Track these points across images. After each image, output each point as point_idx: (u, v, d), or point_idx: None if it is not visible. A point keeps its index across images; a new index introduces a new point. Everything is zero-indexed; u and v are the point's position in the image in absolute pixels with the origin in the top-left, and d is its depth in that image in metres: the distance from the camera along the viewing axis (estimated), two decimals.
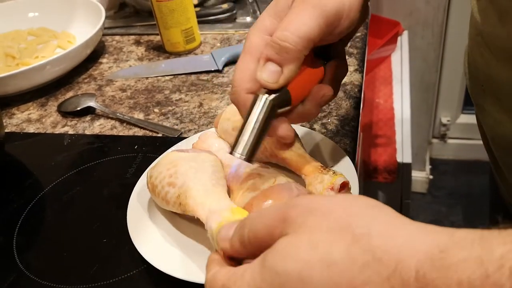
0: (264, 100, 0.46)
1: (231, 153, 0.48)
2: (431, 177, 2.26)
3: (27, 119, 0.85)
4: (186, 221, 0.57)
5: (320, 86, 0.51)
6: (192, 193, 0.51)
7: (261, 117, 0.47)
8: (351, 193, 0.54)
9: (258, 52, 0.48)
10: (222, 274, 0.36)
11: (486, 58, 0.57)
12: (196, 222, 0.55)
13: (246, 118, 0.47)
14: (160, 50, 1.01)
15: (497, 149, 0.62)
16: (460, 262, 0.26)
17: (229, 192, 0.55)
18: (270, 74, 0.46)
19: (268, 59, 0.46)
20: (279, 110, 0.48)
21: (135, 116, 0.81)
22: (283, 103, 0.48)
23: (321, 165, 0.55)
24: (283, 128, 0.49)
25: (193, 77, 0.90)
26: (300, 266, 0.30)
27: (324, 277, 0.29)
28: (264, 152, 0.59)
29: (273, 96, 0.47)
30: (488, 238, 0.26)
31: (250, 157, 0.47)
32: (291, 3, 0.47)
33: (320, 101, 0.51)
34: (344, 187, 0.52)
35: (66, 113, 0.85)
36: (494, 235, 0.26)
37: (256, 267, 0.33)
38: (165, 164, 0.55)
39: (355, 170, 0.59)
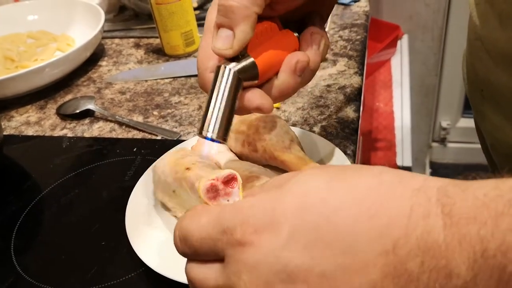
0: (225, 71, 0.42)
1: (199, 134, 0.42)
2: None
3: (26, 122, 0.85)
4: None
5: (293, 53, 0.47)
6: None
7: (226, 89, 0.42)
8: None
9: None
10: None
11: (485, 63, 0.56)
12: None
13: (210, 93, 0.42)
14: (159, 53, 1.00)
15: (497, 155, 0.61)
16: (476, 184, 0.28)
17: None
18: (222, 41, 0.42)
19: (219, 25, 0.43)
20: (247, 83, 0.44)
21: (134, 118, 0.81)
22: (249, 74, 0.43)
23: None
24: (256, 97, 0.44)
25: (192, 80, 0.90)
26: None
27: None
28: (264, 155, 0.59)
29: (235, 64, 0.42)
30: (501, 179, 0.28)
31: (223, 136, 0.42)
32: None
33: (294, 69, 0.46)
34: None
35: (65, 115, 0.84)
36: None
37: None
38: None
39: None
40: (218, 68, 0.42)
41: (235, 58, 0.43)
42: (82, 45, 0.91)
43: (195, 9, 1.01)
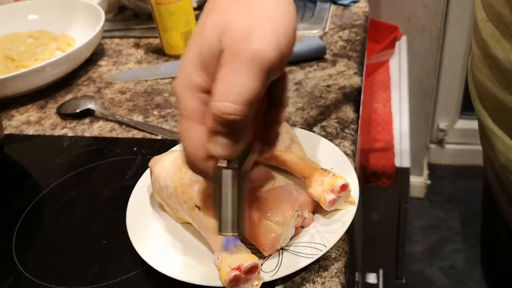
0: (229, 175, 0.43)
1: (220, 234, 0.45)
2: (428, 182, 2.26)
3: (26, 121, 0.85)
4: (186, 223, 0.57)
5: (272, 113, 0.47)
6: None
7: (234, 191, 0.44)
8: (351, 195, 0.54)
9: (198, 115, 0.42)
10: None
11: (498, 83, 0.54)
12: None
13: (218, 195, 0.44)
14: (159, 52, 1.01)
15: (508, 174, 0.58)
16: None
17: None
18: (224, 148, 0.41)
19: (216, 133, 0.41)
20: (246, 164, 0.45)
21: (134, 118, 0.81)
22: (245, 155, 0.44)
23: (321, 167, 0.55)
24: (258, 177, 0.46)
25: None
26: None
27: None
28: (264, 155, 0.59)
29: (235, 162, 0.43)
30: None
31: (240, 230, 0.45)
32: (218, 54, 0.41)
33: (276, 126, 0.47)
34: (344, 189, 0.52)
35: (66, 115, 0.85)
36: None
37: None
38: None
39: (355, 173, 0.59)
40: (220, 171, 0.43)
41: None
42: (82, 45, 0.91)
43: (195, 9, 1.01)
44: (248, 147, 0.44)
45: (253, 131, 0.44)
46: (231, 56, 0.39)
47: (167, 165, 0.57)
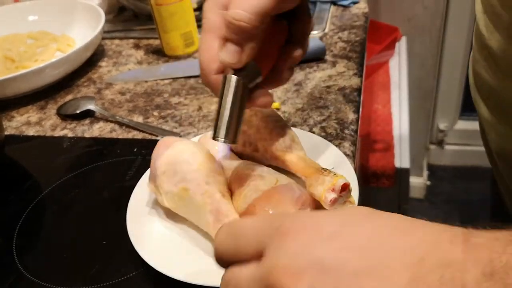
0: (233, 81, 0.46)
1: (213, 138, 0.48)
2: (428, 183, 2.26)
3: (26, 122, 0.85)
4: (186, 223, 0.57)
5: (288, 50, 0.51)
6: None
7: (234, 98, 0.47)
8: (351, 195, 0.54)
9: (218, 29, 0.47)
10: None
11: (492, 73, 0.55)
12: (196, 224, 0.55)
13: (220, 101, 0.47)
14: (159, 53, 1.01)
15: (502, 162, 0.60)
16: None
17: (231, 193, 0.55)
18: (231, 55, 0.46)
19: (227, 40, 0.46)
20: (251, 84, 0.48)
21: (134, 119, 0.82)
22: (253, 76, 0.48)
23: (322, 167, 0.55)
24: (260, 99, 0.50)
25: (192, 80, 0.90)
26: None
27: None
28: (265, 155, 0.59)
29: (241, 74, 0.47)
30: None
31: (233, 139, 0.48)
32: None
33: (290, 64, 0.51)
34: (345, 188, 0.52)
35: (66, 116, 0.85)
36: None
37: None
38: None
39: (354, 173, 0.59)
40: (225, 77, 0.46)
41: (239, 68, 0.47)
42: (82, 45, 0.91)
43: (194, 10, 1.01)
44: (256, 68, 0.48)
45: (264, 58, 0.48)
46: None
47: (192, 144, 0.58)
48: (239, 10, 0.44)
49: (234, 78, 0.46)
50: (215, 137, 0.47)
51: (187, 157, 0.55)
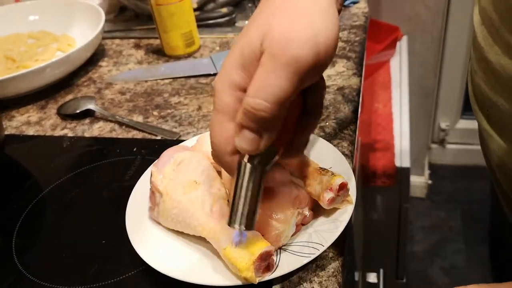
0: (248, 168, 0.45)
1: (228, 224, 0.47)
2: (429, 182, 2.26)
3: (26, 122, 0.85)
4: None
5: (305, 120, 0.49)
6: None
7: (251, 186, 0.45)
8: (349, 194, 0.54)
9: (232, 111, 0.45)
10: None
11: (491, 85, 0.54)
12: None
13: (235, 187, 0.46)
14: (159, 53, 1.01)
15: (502, 174, 0.59)
16: None
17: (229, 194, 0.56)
18: (249, 143, 0.43)
19: (244, 126, 0.43)
20: (268, 167, 0.46)
21: (134, 119, 0.82)
22: (270, 158, 0.46)
23: (320, 166, 0.56)
24: (277, 177, 0.50)
25: (192, 80, 0.91)
26: None
27: None
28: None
29: (257, 160, 0.45)
30: None
31: (251, 226, 0.47)
32: (259, 55, 0.43)
33: (307, 134, 0.50)
34: (343, 188, 0.53)
35: (66, 115, 0.85)
36: None
37: None
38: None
39: (352, 172, 0.59)
40: (240, 163, 0.45)
41: None
42: (83, 45, 0.91)
43: (195, 10, 1.02)
44: (274, 149, 0.46)
45: (281, 134, 0.45)
46: (269, 57, 0.41)
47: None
48: (259, 100, 0.41)
49: (249, 166, 0.45)
50: (231, 224, 0.46)
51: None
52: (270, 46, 0.41)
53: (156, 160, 0.60)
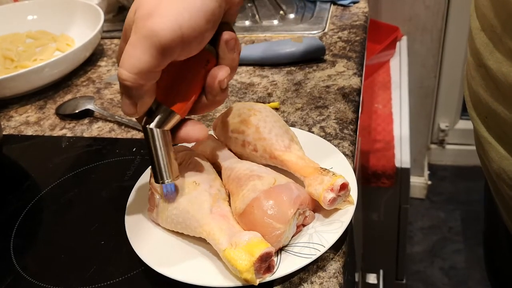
0: (149, 131, 0.49)
1: (157, 182, 0.51)
2: (429, 182, 2.26)
3: (25, 122, 0.85)
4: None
5: (212, 73, 0.50)
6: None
7: (158, 145, 0.50)
8: (350, 195, 0.54)
9: None
10: None
11: (491, 92, 0.53)
12: None
13: (148, 151, 0.50)
14: None
15: (502, 182, 0.58)
16: None
17: (229, 194, 0.55)
18: (126, 108, 0.48)
19: (121, 93, 0.48)
20: (167, 126, 0.50)
21: (134, 119, 0.81)
22: (167, 118, 0.50)
23: (321, 166, 0.55)
24: (190, 133, 0.51)
25: None
26: None
27: None
28: (264, 155, 0.59)
29: (154, 122, 0.49)
30: None
31: (175, 177, 0.51)
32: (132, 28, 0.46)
33: (219, 89, 0.51)
34: (344, 188, 0.52)
35: (64, 115, 0.85)
36: None
37: None
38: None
39: (353, 172, 0.58)
40: (144, 128, 0.50)
41: (153, 111, 0.50)
42: (82, 45, 0.91)
43: None
44: (167, 111, 0.49)
45: (179, 93, 0.50)
46: (134, 30, 0.45)
47: None
48: (122, 70, 0.45)
49: (149, 128, 0.49)
50: (159, 182, 0.51)
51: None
52: (136, 19, 0.45)
53: None
